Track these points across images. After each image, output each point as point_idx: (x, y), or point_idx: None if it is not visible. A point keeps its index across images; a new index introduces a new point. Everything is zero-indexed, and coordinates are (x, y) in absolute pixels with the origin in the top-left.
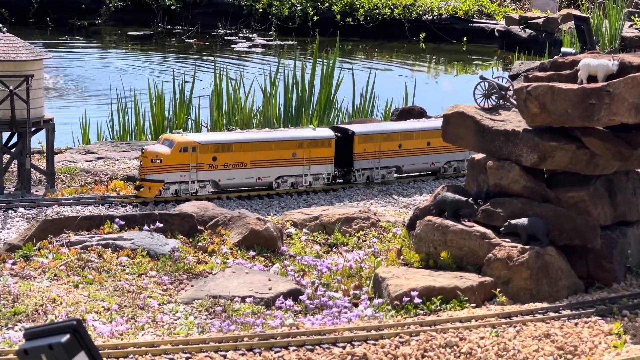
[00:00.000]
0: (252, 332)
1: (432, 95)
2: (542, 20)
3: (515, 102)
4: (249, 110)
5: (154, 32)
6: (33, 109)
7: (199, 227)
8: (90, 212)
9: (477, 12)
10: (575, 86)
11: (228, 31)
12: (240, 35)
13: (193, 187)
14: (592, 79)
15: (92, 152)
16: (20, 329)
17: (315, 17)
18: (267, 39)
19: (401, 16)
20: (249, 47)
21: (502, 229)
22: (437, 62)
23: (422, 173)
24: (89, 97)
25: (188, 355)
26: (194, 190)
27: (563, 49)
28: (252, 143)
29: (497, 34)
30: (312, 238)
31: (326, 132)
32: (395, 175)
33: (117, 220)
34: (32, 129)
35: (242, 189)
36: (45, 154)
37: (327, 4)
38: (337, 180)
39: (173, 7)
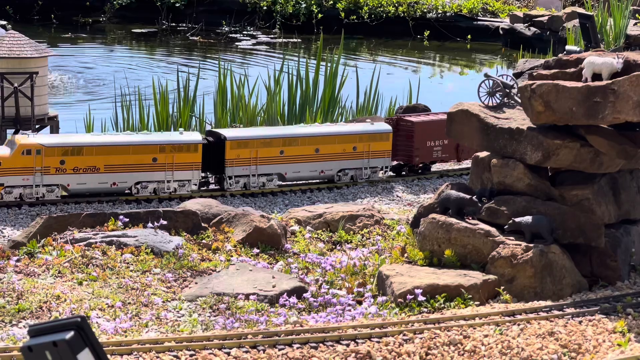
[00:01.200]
0: (256, 329)
1: (436, 93)
2: (546, 18)
3: (519, 100)
4: (253, 108)
5: (158, 30)
6: (37, 106)
7: (202, 224)
8: (94, 209)
9: (481, 10)
10: (579, 84)
11: (232, 29)
12: (244, 32)
13: (38, 191)
14: (596, 77)
15: None
16: (24, 326)
17: (320, 15)
18: (271, 36)
19: (405, 14)
20: (253, 44)
21: (506, 227)
22: (441, 60)
23: (312, 181)
24: (93, 94)
25: (192, 352)
26: (40, 194)
27: (567, 47)
28: (105, 147)
29: (501, 31)
30: (316, 236)
31: (193, 137)
32: (279, 183)
33: (121, 217)
34: (37, 126)
35: None
36: None
37: (332, 2)
38: (210, 187)
39: (177, 5)
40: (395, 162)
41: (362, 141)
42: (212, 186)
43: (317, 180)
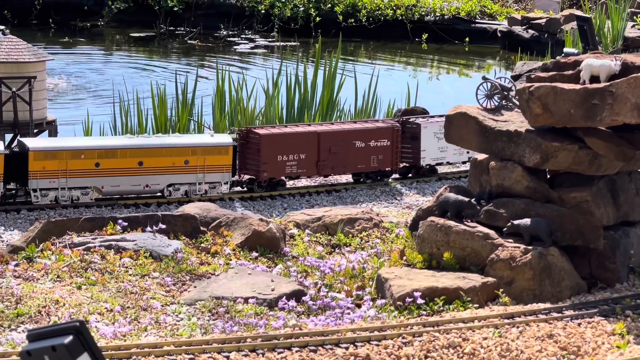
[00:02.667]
0: (255, 333)
1: (435, 95)
2: (544, 20)
3: (517, 103)
4: (252, 111)
5: (157, 34)
6: (36, 110)
7: (201, 228)
8: (93, 213)
9: (479, 12)
10: (577, 86)
11: (230, 32)
12: (242, 36)
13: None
14: (594, 79)
15: None
16: (23, 331)
17: (318, 18)
18: (270, 40)
19: (403, 17)
20: (252, 48)
21: (505, 229)
22: (439, 63)
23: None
24: (92, 98)
25: (191, 356)
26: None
27: (565, 50)
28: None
29: (499, 34)
30: (314, 239)
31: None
32: (97, 197)
33: (119, 221)
34: (35, 130)
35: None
36: None
37: (330, 5)
38: (15, 200)
39: (175, 9)
40: (246, 177)
41: (196, 154)
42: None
43: (317, 185)
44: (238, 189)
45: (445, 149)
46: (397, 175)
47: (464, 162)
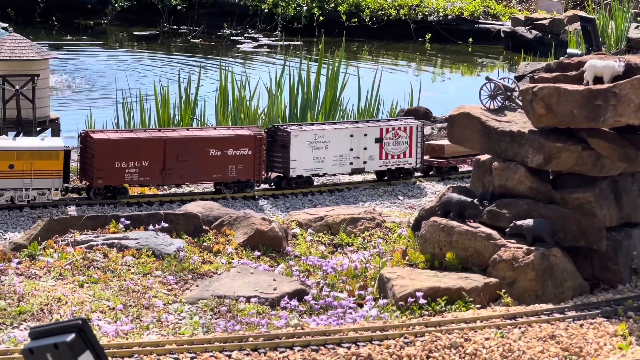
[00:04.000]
0: (257, 332)
1: (438, 95)
2: (548, 21)
3: (520, 103)
4: (255, 110)
5: (160, 32)
6: (39, 108)
7: (204, 227)
8: (95, 211)
9: (483, 13)
10: (581, 87)
11: (234, 31)
12: (245, 35)
13: None
14: (598, 80)
15: None
16: (25, 328)
17: (321, 18)
18: (273, 39)
19: (407, 17)
20: (255, 47)
21: (508, 230)
22: (442, 63)
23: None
24: (95, 96)
25: (193, 355)
26: None
27: (569, 50)
28: None
29: (502, 35)
30: (317, 238)
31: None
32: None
33: (122, 219)
34: (38, 128)
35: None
36: None
37: (333, 5)
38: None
39: (179, 7)
40: (83, 184)
41: (22, 159)
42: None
43: (320, 184)
44: (75, 195)
45: (321, 159)
46: (266, 186)
47: (349, 174)
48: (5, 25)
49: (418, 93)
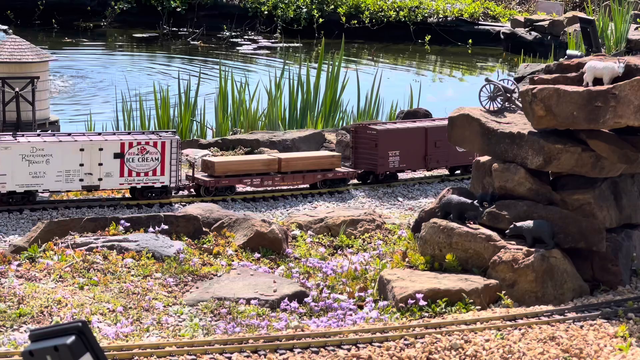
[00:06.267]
0: (257, 334)
1: (437, 97)
2: (547, 22)
3: (520, 105)
4: (254, 113)
5: (160, 34)
6: (38, 110)
7: (204, 229)
8: (95, 213)
9: (482, 14)
10: (580, 89)
11: (233, 33)
12: (245, 37)
13: None
14: (597, 81)
15: None
16: (25, 331)
17: (321, 20)
18: (273, 41)
19: (406, 18)
20: (254, 49)
21: (508, 231)
22: (442, 65)
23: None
24: (94, 98)
25: (193, 357)
26: None
27: (568, 52)
28: None
29: (502, 36)
30: (317, 240)
31: None
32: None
33: (122, 221)
34: (38, 131)
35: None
36: None
37: (333, 7)
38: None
39: (178, 9)
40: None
41: None
42: None
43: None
44: None
45: (41, 174)
46: None
47: (80, 191)
48: (5, 27)
49: (418, 94)
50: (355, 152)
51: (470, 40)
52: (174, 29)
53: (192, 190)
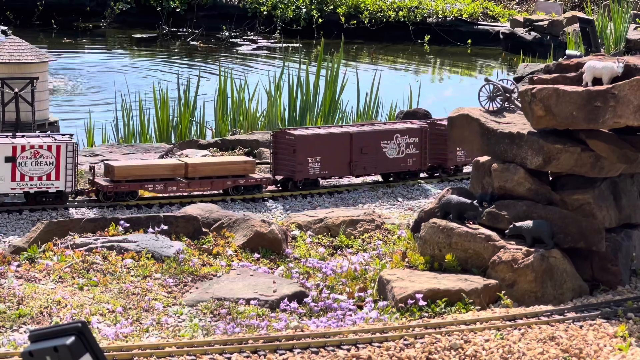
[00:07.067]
0: (256, 334)
1: (437, 97)
2: (546, 22)
3: (520, 105)
4: (254, 113)
5: (159, 35)
6: (38, 111)
7: (203, 229)
8: (95, 214)
9: (481, 14)
10: (580, 89)
11: (232, 34)
12: (244, 37)
13: None
14: (597, 81)
15: (96, 155)
16: (25, 331)
17: (320, 20)
18: (272, 41)
19: (406, 19)
20: (254, 49)
21: (507, 231)
22: (441, 65)
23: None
24: (94, 99)
25: (193, 357)
26: None
27: (568, 52)
28: None
29: (501, 36)
30: (316, 240)
31: None
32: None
33: (121, 222)
34: (37, 131)
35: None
36: None
37: (332, 7)
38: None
39: (178, 10)
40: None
41: None
42: None
43: (319, 186)
44: None
45: None
46: None
47: None
48: (4, 28)
49: (417, 94)
50: (275, 158)
51: (469, 40)
52: (173, 29)
53: (92, 195)
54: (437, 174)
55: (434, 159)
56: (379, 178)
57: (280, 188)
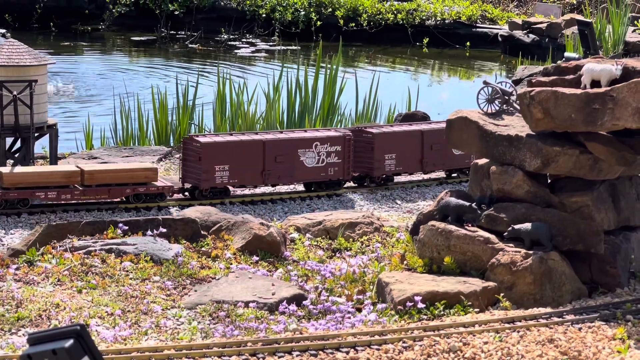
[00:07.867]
0: (255, 337)
1: (436, 100)
2: (545, 25)
3: (518, 107)
4: (252, 115)
5: (158, 37)
6: (36, 114)
7: (202, 232)
8: (93, 217)
9: (480, 17)
10: (578, 91)
11: (231, 36)
12: (243, 40)
13: None
14: (595, 83)
15: (95, 158)
16: (23, 334)
17: (319, 22)
18: (270, 44)
19: (404, 21)
20: (252, 52)
21: (506, 234)
22: (440, 67)
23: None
24: (92, 102)
25: None
26: None
27: (566, 54)
28: None
29: (500, 38)
30: (315, 243)
31: None
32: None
33: (120, 225)
34: (36, 134)
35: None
36: (48, 160)
37: (330, 9)
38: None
39: (176, 13)
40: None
41: None
42: None
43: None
44: None
45: None
46: None
47: None
48: (3, 31)
49: (416, 97)
50: (184, 165)
51: (468, 43)
52: (172, 32)
53: None
54: (365, 184)
55: (360, 168)
56: (299, 187)
57: (188, 196)
